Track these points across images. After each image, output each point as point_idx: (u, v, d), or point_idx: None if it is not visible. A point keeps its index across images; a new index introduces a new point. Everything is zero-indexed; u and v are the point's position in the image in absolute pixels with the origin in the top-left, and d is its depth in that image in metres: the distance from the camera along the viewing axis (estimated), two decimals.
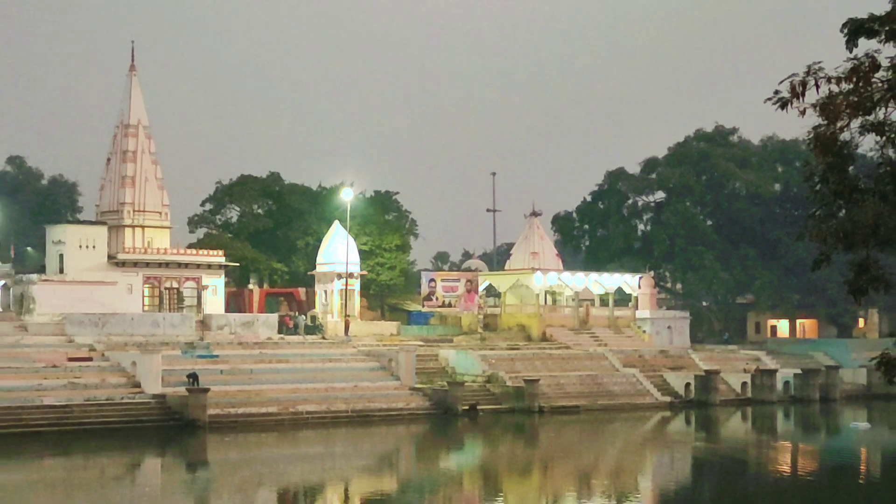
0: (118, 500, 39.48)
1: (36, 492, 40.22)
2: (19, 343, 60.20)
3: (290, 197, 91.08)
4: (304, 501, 40.37)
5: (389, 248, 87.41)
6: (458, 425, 59.61)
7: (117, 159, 74.07)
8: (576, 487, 42.56)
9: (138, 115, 74.06)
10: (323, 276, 76.46)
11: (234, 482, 43.26)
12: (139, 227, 72.91)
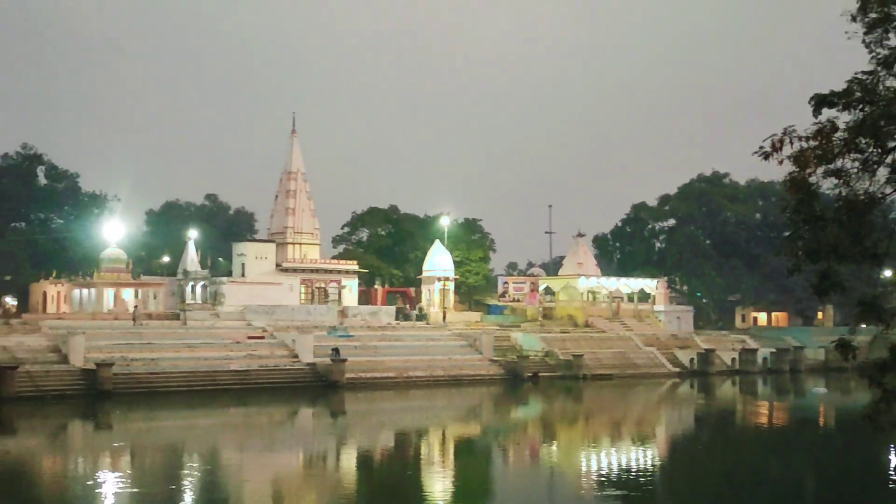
0: (282, 437, 40.63)
1: (224, 430, 41.95)
2: (214, 326, 62.18)
3: (404, 222, 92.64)
4: (415, 438, 40.36)
5: (474, 259, 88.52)
6: (523, 387, 60.09)
7: (283, 196, 75.13)
8: (610, 431, 43.04)
9: (297, 165, 75.11)
10: (427, 279, 77.10)
11: (365, 425, 44.64)
12: (297, 244, 74.09)
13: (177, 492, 26.59)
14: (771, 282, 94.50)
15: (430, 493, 27.83)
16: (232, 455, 34.88)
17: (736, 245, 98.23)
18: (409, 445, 39.07)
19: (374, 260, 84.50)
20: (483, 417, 48.97)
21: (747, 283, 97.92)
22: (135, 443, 37.52)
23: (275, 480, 29.56)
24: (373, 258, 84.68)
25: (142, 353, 54.94)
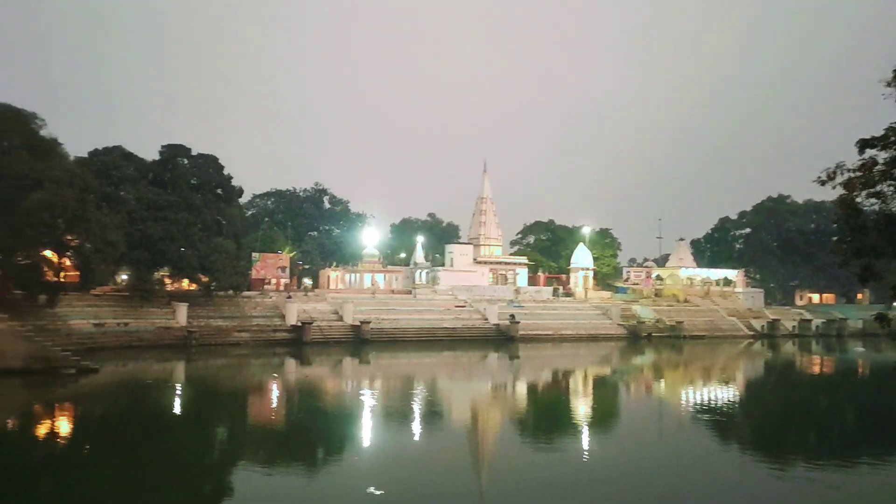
0: (478, 370, 40.81)
1: (440, 366, 42.78)
2: (433, 298, 63.88)
3: (558, 230, 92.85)
4: (567, 373, 39.85)
5: (606, 256, 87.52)
6: (640, 343, 59.46)
7: (477, 213, 76.70)
8: (703, 373, 41.65)
9: (487, 193, 76.52)
10: (574, 269, 76.71)
11: (533, 364, 44.41)
12: (487, 245, 75.33)
13: (410, 402, 27.71)
14: (821, 272, 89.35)
15: (576, 410, 27.75)
16: (445, 381, 35.97)
17: (795, 246, 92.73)
18: (563, 377, 39.08)
19: (538, 256, 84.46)
20: (613, 362, 48.23)
21: (803, 273, 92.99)
22: (384, 372, 39.54)
23: (474, 398, 30.32)
24: (536, 255, 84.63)
25: (388, 315, 57.69)
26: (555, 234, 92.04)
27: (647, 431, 23.45)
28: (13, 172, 37.71)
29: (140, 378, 34.40)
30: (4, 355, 30.48)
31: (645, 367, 46.42)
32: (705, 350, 57.34)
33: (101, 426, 22.95)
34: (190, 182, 54.79)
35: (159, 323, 48.61)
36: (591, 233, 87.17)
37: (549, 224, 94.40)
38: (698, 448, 20.73)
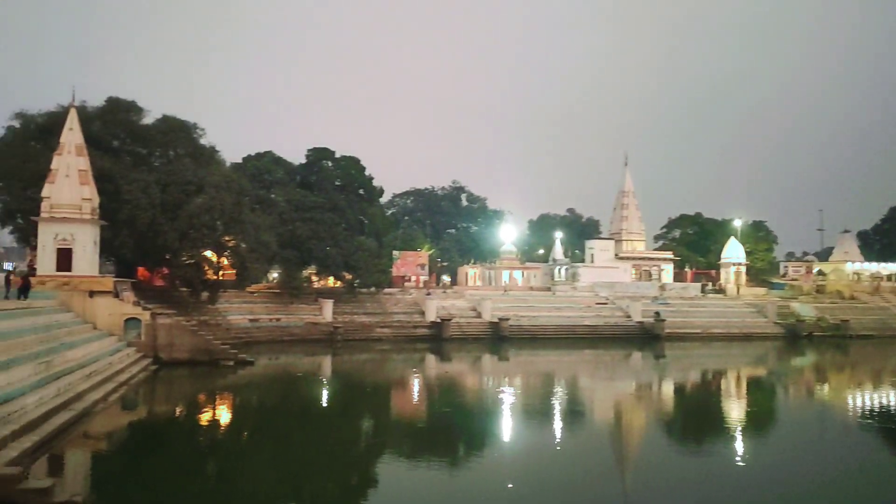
0: (621, 370, 40.05)
1: (581, 364, 42.44)
2: (573, 295, 63.38)
3: (706, 224, 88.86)
4: (717, 374, 38.27)
5: (761, 250, 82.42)
6: (800, 343, 55.87)
7: (619, 208, 74.60)
8: (872, 377, 38.61)
9: (628, 187, 74.22)
10: (725, 264, 72.65)
11: (680, 364, 43.11)
12: (629, 240, 73.09)
13: (551, 400, 27.70)
14: None
15: (729, 412, 26.59)
16: (587, 379, 35.67)
17: None
18: (713, 378, 37.69)
19: (684, 251, 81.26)
20: (769, 362, 45.93)
21: None
22: (523, 369, 39.67)
23: (617, 397, 29.78)
24: (683, 250, 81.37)
25: (527, 312, 57.75)
26: (703, 228, 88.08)
27: (807, 438, 22.22)
28: (179, 179, 41.25)
29: (291, 370, 36.53)
30: (173, 348, 33.40)
31: (806, 368, 43.93)
32: (875, 351, 53.28)
33: (258, 415, 24.67)
34: (334, 183, 57.42)
35: (307, 318, 51.24)
36: (744, 225, 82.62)
37: (697, 217, 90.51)
38: (864, 457, 19.35)
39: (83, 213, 33.93)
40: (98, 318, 31.69)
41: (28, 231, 38.94)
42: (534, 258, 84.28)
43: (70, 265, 33.40)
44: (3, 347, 19.24)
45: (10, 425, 14.93)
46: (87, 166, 34.55)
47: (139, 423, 21.68)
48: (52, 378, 20.01)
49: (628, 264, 72.09)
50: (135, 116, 44.62)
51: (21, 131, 41.60)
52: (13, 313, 23.56)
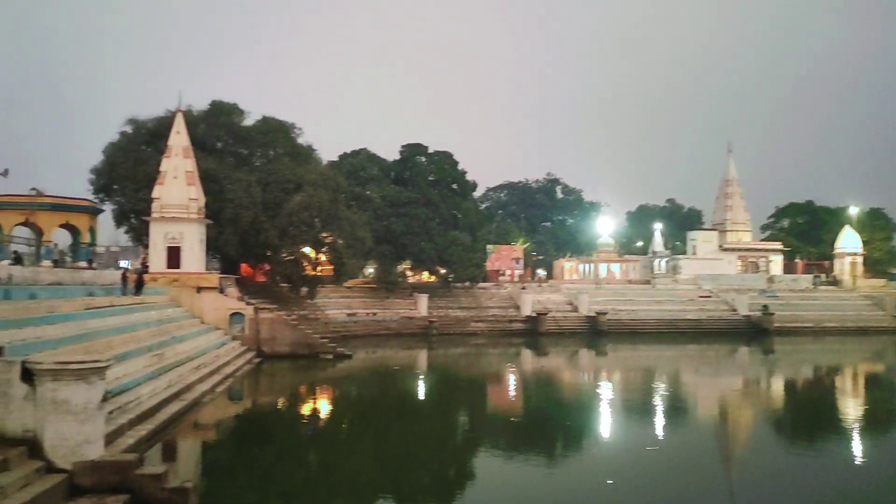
0: (726, 366, 38.64)
1: (683, 359, 40.86)
2: (674, 288, 61.82)
3: (818, 212, 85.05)
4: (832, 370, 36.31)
5: (878, 239, 78.14)
6: None
7: (722, 197, 72.35)
8: None
9: (732, 174, 72.21)
10: (839, 255, 69.20)
11: (790, 360, 41.24)
12: (734, 231, 70.87)
13: (651, 396, 27.00)
14: None
15: (846, 411, 25.03)
16: (689, 375, 34.65)
17: None
18: (827, 375, 35.86)
19: (794, 241, 77.97)
20: (887, 359, 43.15)
21: None
22: (622, 364, 38.89)
23: (722, 394, 28.74)
24: (792, 240, 78.18)
25: (625, 306, 56.70)
26: (814, 217, 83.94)
27: None
28: (279, 178, 42.76)
29: (388, 364, 37.19)
30: (275, 341, 34.67)
31: None
32: None
33: (356, 407, 25.26)
34: (428, 179, 57.99)
35: (403, 313, 52.12)
36: (860, 213, 78.11)
37: (807, 205, 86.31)
38: None
39: (190, 212, 35.66)
40: (205, 313, 33.24)
41: (141, 230, 41.27)
42: (632, 251, 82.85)
43: (179, 262, 35.22)
44: (120, 341, 20.48)
45: (127, 414, 15.87)
46: (193, 167, 36.29)
47: (245, 414, 22.59)
48: (164, 370, 21.14)
49: (733, 256, 70.04)
50: (236, 118, 46.51)
51: (133, 136, 44.06)
52: (129, 308, 25.02)
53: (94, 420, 10.92)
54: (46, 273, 25.36)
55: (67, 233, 43.76)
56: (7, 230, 39.24)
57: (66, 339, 17.32)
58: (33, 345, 15.17)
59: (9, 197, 39.29)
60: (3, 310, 16.36)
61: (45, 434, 10.54)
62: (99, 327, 20.44)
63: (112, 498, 10.26)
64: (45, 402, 10.59)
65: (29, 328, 16.39)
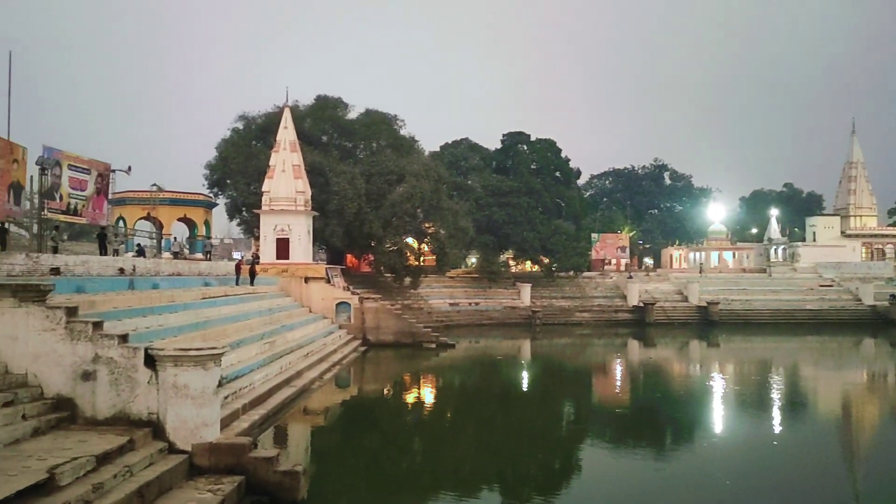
0: (849, 358, 36.18)
1: (802, 351, 38.87)
2: (792, 277, 59.38)
3: None
4: None
5: None
6: None
7: (845, 180, 68.54)
8: None
9: (857, 157, 68.20)
10: None
11: None
12: (858, 216, 67.18)
13: (768, 390, 25.80)
14: None
15: None
16: (809, 368, 32.86)
17: None
18: None
19: None
20: None
21: None
22: (736, 356, 37.25)
23: (846, 389, 26.92)
24: None
25: (739, 296, 54.92)
26: None
27: None
28: (382, 169, 43.59)
29: (491, 353, 37.17)
30: (379, 330, 35.38)
31: None
32: None
33: (460, 396, 25.42)
34: (530, 167, 57.73)
35: (506, 303, 52.14)
36: None
37: None
38: None
39: (297, 205, 36.88)
40: (312, 302, 34.31)
41: (252, 223, 43.09)
42: (745, 238, 79.88)
43: (287, 253, 36.54)
44: (234, 329, 21.42)
45: (241, 399, 16.57)
46: (300, 161, 37.49)
47: (352, 400, 23.15)
48: (275, 357, 21.95)
49: (857, 242, 66.80)
50: (341, 112, 47.71)
51: (244, 132, 45.99)
52: (242, 298, 26.12)
53: (211, 404, 11.43)
54: (166, 264, 26.83)
55: (185, 226, 46.25)
56: (131, 224, 41.96)
57: (185, 327, 18.25)
58: (156, 332, 16.08)
59: (132, 193, 41.99)
60: (128, 299, 17.40)
61: (167, 417, 11.13)
62: (214, 316, 21.45)
63: (228, 479, 10.72)
64: (167, 387, 11.18)
65: (152, 316, 17.38)
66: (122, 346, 11.33)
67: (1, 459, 8.84)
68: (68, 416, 11.03)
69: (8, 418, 10.06)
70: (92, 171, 26.29)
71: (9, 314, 11.20)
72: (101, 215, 27.57)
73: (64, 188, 24.75)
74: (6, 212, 21.42)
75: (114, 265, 22.29)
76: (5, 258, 17.65)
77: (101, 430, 10.75)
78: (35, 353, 11.19)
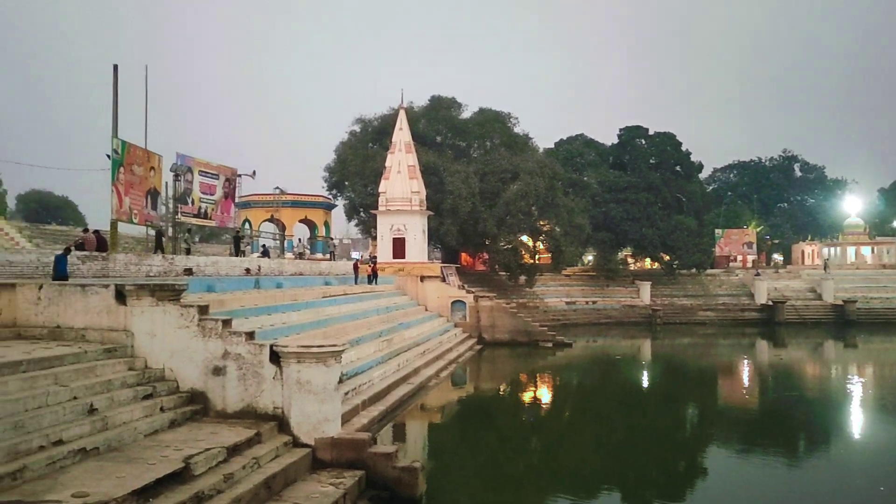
0: None
1: None
2: None
3: None
4: None
5: None
6: None
7: None
8: None
9: None
10: None
11: None
12: None
13: None
14: None
15: None
16: None
17: None
18: None
19: None
20: None
21: None
22: (876, 357, 35.11)
23: None
24: None
25: (879, 293, 51.37)
26: None
27: None
28: (496, 168, 43.75)
29: (609, 353, 36.51)
30: (495, 329, 35.42)
31: None
32: None
33: (578, 396, 25.04)
34: (648, 161, 56.40)
35: (624, 301, 51.27)
36: None
37: None
38: None
39: (413, 204, 37.56)
40: (428, 301, 34.79)
41: (369, 223, 44.27)
42: (885, 232, 74.48)
43: (403, 253, 37.32)
44: (353, 327, 22.01)
45: (361, 396, 16.99)
46: (414, 162, 38.17)
47: (468, 399, 23.26)
48: (392, 354, 22.39)
49: None
50: (454, 112, 48.22)
51: (361, 135, 47.29)
52: (360, 297, 26.82)
53: (332, 400, 11.77)
54: (289, 264, 27.95)
55: (305, 227, 48.12)
56: (256, 226, 44.08)
57: (307, 325, 18.92)
58: (280, 330, 16.74)
59: (257, 196, 44.10)
60: (254, 298, 18.23)
61: (291, 411, 11.54)
62: (334, 314, 22.13)
63: (349, 473, 10.99)
64: (291, 383, 11.59)
65: (276, 314, 18.12)
66: (249, 343, 11.84)
67: (142, 448, 9.44)
68: (201, 409, 11.64)
69: (148, 410, 10.73)
70: (220, 176, 27.77)
71: (148, 312, 11.95)
72: (228, 218, 29.08)
73: (195, 193, 26.26)
74: (145, 216, 22.96)
75: (240, 265, 23.44)
76: (145, 260, 18.93)
77: (230, 422, 11.28)
78: (171, 349, 11.87)
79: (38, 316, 12.16)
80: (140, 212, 22.46)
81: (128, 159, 21.78)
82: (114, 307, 11.99)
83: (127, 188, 21.71)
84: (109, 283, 12.36)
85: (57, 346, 11.26)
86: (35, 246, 28.00)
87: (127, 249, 28.76)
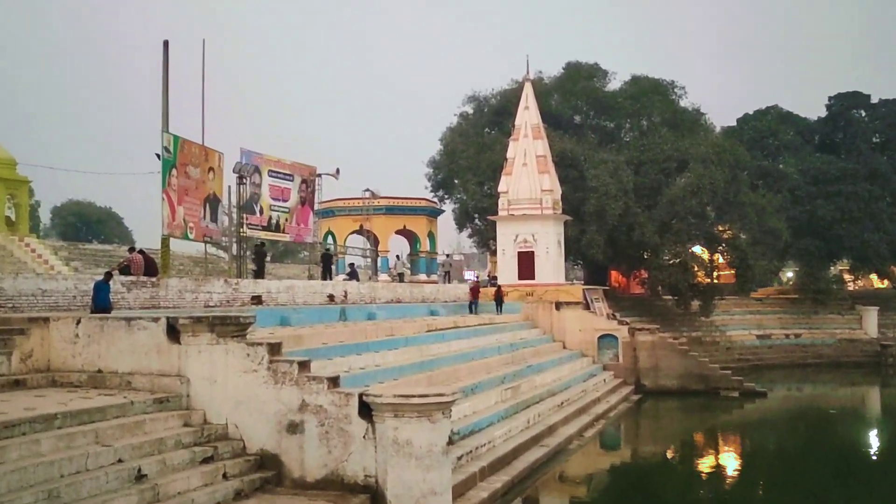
0: None
1: None
2: None
3: None
4: None
5: None
6: None
7: None
8: None
9: None
10: None
11: None
12: None
13: None
14: None
15: None
16: None
17: None
18: None
19: None
20: None
21: None
22: None
23: None
24: None
25: None
26: None
27: None
28: (656, 155, 43.05)
29: (820, 406, 35.39)
30: (658, 372, 34.73)
31: None
32: None
33: (777, 466, 24.16)
34: (871, 141, 54.47)
35: (840, 333, 49.75)
36: None
37: None
38: None
39: (544, 207, 37.44)
40: (567, 335, 34.58)
41: (486, 233, 44.39)
42: None
43: (532, 272, 37.19)
44: (466, 370, 22.17)
45: (478, 461, 17.01)
46: (545, 150, 38.07)
47: (623, 467, 22.94)
48: (519, 407, 22.36)
49: None
50: (598, 82, 47.95)
51: (474, 118, 47.72)
52: (476, 330, 27.00)
53: (439, 466, 11.81)
54: (384, 289, 28.47)
55: (404, 239, 48.92)
56: (341, 239, 45.10)
57: (406, 368, 19.21)
58: (371, 374, 17.07)
59: (342, 202, 45.09)
60: (339, 333, 18.68)
61: (387, 481, 11.66)
62: (442, 353, 22.39)
63: None
64: (386, 443, 11.72)
65: (367, 354, 18.50)
66: (333, 392, 12.07)
67: None
68: (273, 477, 11.98)
69: (208, 477, 11.13)
70: (295, 177, 28.72)
71: (206, 352, 12.41)
72: (306, 230, 29.99)
73: (264, 199, 27.26)
74: (203, 230, 24.03)
75: (322, 291, 24.09)
76: (203, 286, 19.77)
77: (310, 494, 11.55)
78: (235, 398, 12.28)
79: (76, 358, 12.90)
80: (197, 224, 23.52)
81: (181, 159, 22.88)
82: (165, 346, 12.54)
83: (181, 195, 22.79)
84: (160, 316, 12.93)
85: (98, 395, 11.90)
86: (73, 270, 29.80)
87: (182, 272, 30.20)
